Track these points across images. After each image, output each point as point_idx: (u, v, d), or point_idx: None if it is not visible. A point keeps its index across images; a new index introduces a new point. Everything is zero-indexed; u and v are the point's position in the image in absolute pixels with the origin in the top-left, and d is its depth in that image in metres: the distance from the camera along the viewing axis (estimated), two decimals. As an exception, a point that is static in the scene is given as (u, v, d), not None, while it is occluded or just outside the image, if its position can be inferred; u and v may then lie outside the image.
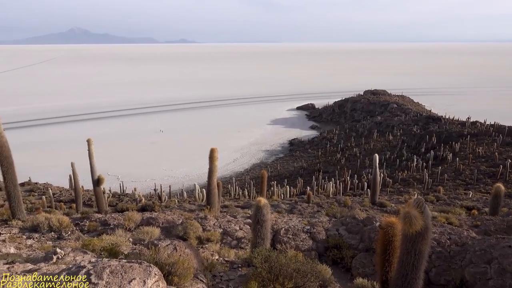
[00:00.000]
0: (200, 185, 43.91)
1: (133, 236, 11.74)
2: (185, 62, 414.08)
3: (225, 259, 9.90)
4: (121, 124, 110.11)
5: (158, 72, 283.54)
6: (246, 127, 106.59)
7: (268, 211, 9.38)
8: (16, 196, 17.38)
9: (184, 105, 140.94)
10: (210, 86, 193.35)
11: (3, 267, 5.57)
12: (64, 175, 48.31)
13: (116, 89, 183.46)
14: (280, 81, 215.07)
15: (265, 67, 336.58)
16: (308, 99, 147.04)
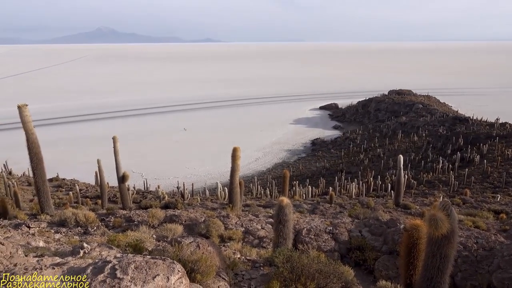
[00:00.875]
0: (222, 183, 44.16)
1: (157, 233, 11.92)
2: (210, 61, 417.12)
3: (247, 258, 9.93)
4: (146, 122, 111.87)
5: (182, 71, 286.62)
6: (268, 126, 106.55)
7: (290, 211, 9.36)
8: (45, 192, 17.92)
9: (208, 104, 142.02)
10: (234, 85, 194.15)
11: (33, 260, 5.74)
12: (90, 172, 49.44)
13: (142, 87, 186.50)
14: (304, 81, 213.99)
15: (288, 66, 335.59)
16: (331, 98, 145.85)
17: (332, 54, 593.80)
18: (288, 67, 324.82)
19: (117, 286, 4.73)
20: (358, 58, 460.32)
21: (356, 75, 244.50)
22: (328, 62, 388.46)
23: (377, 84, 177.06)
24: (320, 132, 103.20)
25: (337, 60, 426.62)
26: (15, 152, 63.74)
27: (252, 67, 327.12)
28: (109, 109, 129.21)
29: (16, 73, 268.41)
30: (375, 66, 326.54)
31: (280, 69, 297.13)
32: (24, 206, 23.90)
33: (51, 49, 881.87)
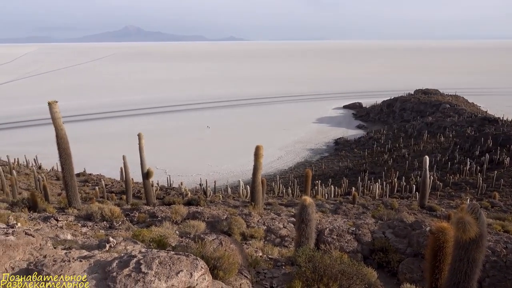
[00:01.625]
0: (244, 181, 44.34)
1: (180, 229, 12.07)
2: (233, 59, 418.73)
3: (269, 257, 9.94)
4: (170, 120, 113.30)
5: (206, 69, 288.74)
6: (291, 125, 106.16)
7: (313, 210, 9.31)
8: (72, 186, 18.41)
9: (231, 102, 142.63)
10: (257, 84, 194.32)
11: (61, 252, 5.91)
12: (116, 167, 50.49)
13: (166, 85, 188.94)
14: (327, 79, 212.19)
15: (312, 64, 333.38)
16: (355, 97, 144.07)
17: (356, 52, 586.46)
18: (312, 65, 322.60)
19: (141, 280, 4.81)
20: (383, 57, 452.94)
21: (381, 74, 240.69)
22: (353, 61, 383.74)
23: (403, 83, 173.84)
24: (343, 131, 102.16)
25: (361, 59, 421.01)
26: (45, 147, 65.79)
27: (274, 65, 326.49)
28: (134, 106, 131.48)
29: (47, 70, 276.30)
30: (400, 64, 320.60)
31: (303, 68, 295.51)
32: (53, 199, 24.61)
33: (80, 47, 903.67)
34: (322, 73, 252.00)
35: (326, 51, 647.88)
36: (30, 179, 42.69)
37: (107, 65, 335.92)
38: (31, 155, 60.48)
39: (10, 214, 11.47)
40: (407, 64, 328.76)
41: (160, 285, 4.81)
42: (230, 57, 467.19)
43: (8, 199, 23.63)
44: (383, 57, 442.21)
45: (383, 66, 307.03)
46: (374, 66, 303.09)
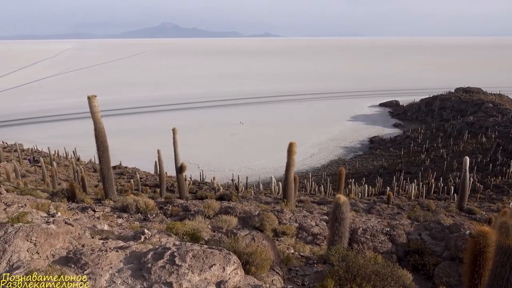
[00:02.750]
0: (276, 178, 44.29)
1: (212, 224, 12.16)
2: (268, 56, 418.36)
3: (301, 254, 9.85)
4: (204, 115, 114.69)
5: (241, 65, 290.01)
6: (325, 122, 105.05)
7: (347, 209, 9.13)
8: (109, 178, 18.92)
9: (265, 99, 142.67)
10: (292, 80, 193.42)
11: (98, 242, 6.06)
12: (150, 161, 51.60)
13: (201, 81, 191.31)
14: (363, 76, 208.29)
15: (348, 61, 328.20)
16: (392, 95, 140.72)
17: (392, 49, 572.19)
18: (347, 62, 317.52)
19: (175, 272, 4.86)
20: (421, 54, 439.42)
21: (418, 71, 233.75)
22: (389, 58, 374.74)
23: (442, 81, 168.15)
24: (379, 129, 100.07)
25: (398, 56, 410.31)
26: (83, 140, 68.19)
27: (309, 62, 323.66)
28: (170, 102, 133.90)
29: (86, 66, 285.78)
30: (439, 62, 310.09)
31: (338, 65, 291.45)
32: (90, 191, 25.44)
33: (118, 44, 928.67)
34: (358, 70, 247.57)
35: (363, 47, 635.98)
36: (69, 170, 44.38)
37: (144, 61, 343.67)
38: (71, 147, 62.83)
39: (50, 203, 11.91)
40: (445, 61, 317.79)
41: (193, 278, 4.84)
42: (265, 54, 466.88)
43: (48, 189, 24.64)
44: (421, 54, 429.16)
45: (421, 63, 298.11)
46: (412, 63, 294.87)
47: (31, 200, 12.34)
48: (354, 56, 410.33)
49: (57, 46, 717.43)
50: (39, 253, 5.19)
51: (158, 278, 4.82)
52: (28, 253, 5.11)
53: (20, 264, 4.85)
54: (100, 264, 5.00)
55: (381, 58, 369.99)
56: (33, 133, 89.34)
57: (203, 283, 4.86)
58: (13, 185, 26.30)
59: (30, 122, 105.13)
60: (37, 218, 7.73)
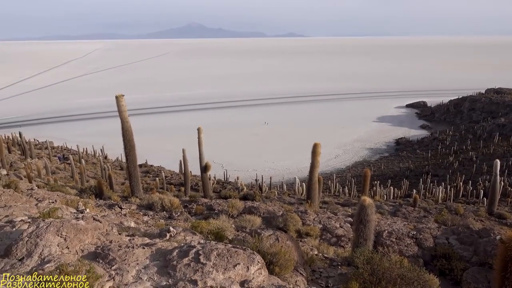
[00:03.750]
0: (300, 179, 44.04)
1: (236, 223, 12.22)
2: (292, 56, 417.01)
3: (324, 256, 9.77)
4: (228, 115, 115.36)
5: (265, 65, 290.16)
6: (350, 123, 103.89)
7: (372, 211, 9.00)
8: (135, 176, 19.27)
9: (289, 99, 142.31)
10: (316, 80, 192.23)
11: (125, 239, 6.18)
12: (175, 160, 52.24)
13: (226, 81, 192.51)
14: (389, 77, 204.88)
15: (374, 61, 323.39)
16: (419, 96, 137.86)
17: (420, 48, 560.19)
18: (373, 62, 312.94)
19: (200, 270, 4.90)
20: (450, 53, 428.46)
21: (447, 71, 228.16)
22: (416, 57, 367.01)
23: (472, 81, 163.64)
24: (405, 131, 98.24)
25: (426, 55, 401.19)
26: (110, 139, 69.65)
27: (334, 62, 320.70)
28: (195, 101, 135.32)
29: (114, 66, 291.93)
30: (468, 62, 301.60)
31: (364, 65, 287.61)
32: (117, 188, 25.96)
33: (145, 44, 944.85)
34: (385, 70, 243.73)
35: (390, 47, 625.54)
36: (97, 168, 45.41)
37: (170, 61, 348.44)
38: (98, 145, 64.29)
39: (79, 200, 12.22)
40: (475, 61, 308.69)
41: (217, 277, 4.88)
42: (290, 54, 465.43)
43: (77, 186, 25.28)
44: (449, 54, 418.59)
45: (450, 63, 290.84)
46: (440, 63, 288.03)
47: (61, 196, 12.69)
48: (380, 56, 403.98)
49: (86, 46, 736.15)
50: (69, 248, 5.33)
51: (183, 275, 4.88)
52: (59, 247, 5.25)
53: (51, 258, 4.99)
54: (127, 260, 5.10)
55: (409, 58, 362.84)
56: (63, 131, 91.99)
57: (227, 282, 4.88)
58: (44, 181, 27.11)
59: (60, 121, 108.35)
60: (67, 214, 7.95)
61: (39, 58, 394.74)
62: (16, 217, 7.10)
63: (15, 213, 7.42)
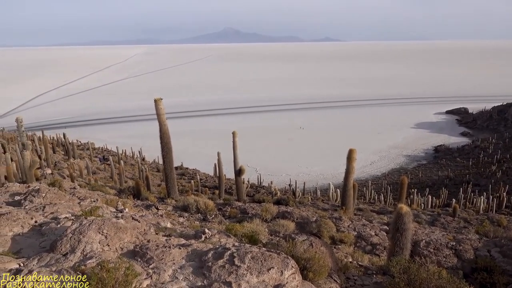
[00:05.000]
0: (334, 184, 43.53)
1: (269, 227, 12.24)
2: (328, 61, 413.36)
3: (359, 263, 9.63)
4: (264, 119, 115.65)
5: (301, 70, 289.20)
6: (387, 129, 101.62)
7: (410, 219, 8.79)
8: (172, 178, 19.70)
9: (325, 104, 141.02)
10: (352, 85, 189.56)
11: (162, 239, 6.35)
12: (209, 163, 52.85)
13: (260, 86, 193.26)
14: (429, 82, 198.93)
15: (412, 66, 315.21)
16: (460, 102, 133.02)
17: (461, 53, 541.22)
18: (412, 67, 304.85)
19: (234, 272, 4.96)
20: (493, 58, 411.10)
21: (490, 76, 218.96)
22: (458, 62, 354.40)
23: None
24: (445, 138, 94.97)
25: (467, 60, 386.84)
26: (147, 141, 71.49)
27: (371, 67, 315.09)
28: (229, 105, 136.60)
29: (152, 70, 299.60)
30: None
31: (402, 70, 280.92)
32: (153, 189, 26.57)
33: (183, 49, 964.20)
34: (423, 75, 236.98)
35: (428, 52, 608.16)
36: (135, 169, 46.67)
37: (206, 65, 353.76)
38: (137, 147, 66.06)
39: (118, 200, 12.63)
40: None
41: (251, 279, 4.92)
42: (325, 58, 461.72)
43: (116, 186, 26.10)
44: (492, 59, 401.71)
45: (494, 68, 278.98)
46: (484, 68, 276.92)
47: (101, 196, 13.16)
48: (419, 61, 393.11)
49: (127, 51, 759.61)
50: (109, 245, 5.53)
51: (218, 277, 4.95)
52: (100, 244, 5.47)
53: (92, 254, 5.21)
54: (164, 260, 5.24)
55: (449, 63, 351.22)
56: (104, 133, 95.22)
57: (261, 285, 4.91)
58: (85, 181, 28.16)
59: (101, 123, 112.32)
60: (107, 213, 8.25)
61: (83, 62, 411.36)
62: (60, 214, 7.44)
63: (60, 210, 7.77)
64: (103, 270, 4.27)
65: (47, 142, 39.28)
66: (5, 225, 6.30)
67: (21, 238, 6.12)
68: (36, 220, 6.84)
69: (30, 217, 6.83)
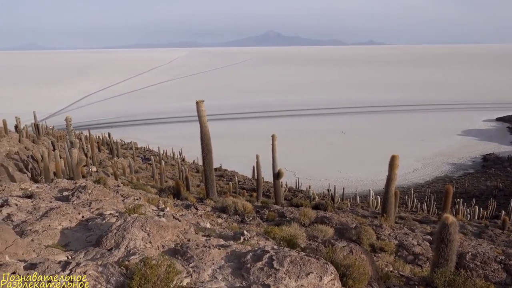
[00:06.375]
0: (375, 191, 42.50)
1: (307, 232, 12.11)
2: (371, 64, 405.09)
3: (400, 273, 9.33)
4: (303, 123, 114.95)
5: (343, 74, 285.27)
6: (431, 135, 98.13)
7: (456, 230, 8.43)
8: (211, 179, 19.95)
9: (366, 108, 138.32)
10: (395, 90, 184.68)
11: (202, 238, 6.43)
12: (247, 165, 53.16)
13: (302, 89, 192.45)
14: (479, 88, 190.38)
15: (460, 70, 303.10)
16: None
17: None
18: (460, 71, 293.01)
19: (273, 275, 4.94)
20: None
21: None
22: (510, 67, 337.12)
23: None
24: (494, 146, 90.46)
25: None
26: (188, 142, 72.82)
27: (416, 70, 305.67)
28: (270, 108, 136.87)
29: (194, 72, 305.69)
30: None
31: (450, 74, 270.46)
32: (192, 190, 27.03)
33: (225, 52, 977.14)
34: (473, 80, 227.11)
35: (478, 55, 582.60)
36: (175, 169, 47.71)
37: (247, 69, 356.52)
38: (177, 148, 67.53)
39: (159, 199, 12.93)
40: None
41: (290, 283, 4.87)
42: (369, 62, 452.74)
43: (157, 185, 26.78)
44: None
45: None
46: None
47: (143, 194, 13.53)
48: (468, 65, 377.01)
49: (170, 54, 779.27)
50: (151, 243, 5.67)
51: (256, 279, 4.94)
52: (143, 241, 5.61)
53: (135, 250, 5.35)
54: (203, 259, 5.30)
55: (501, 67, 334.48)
56: (146, 133, 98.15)
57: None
58: (128, 179, 29.10)
59: (144, 123, 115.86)
60: (149, 211, 8.46)
61: (128, 65, 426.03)
62: (105, 210, 7.71)
63: (105, 207, 8.05)
64: (146, 266, 4.38)
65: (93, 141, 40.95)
66: (55, 219, 6.60)
67: (69, 232, 6.39)
68: (83, 215, 7.12)
69: (78, 212, 7.11)
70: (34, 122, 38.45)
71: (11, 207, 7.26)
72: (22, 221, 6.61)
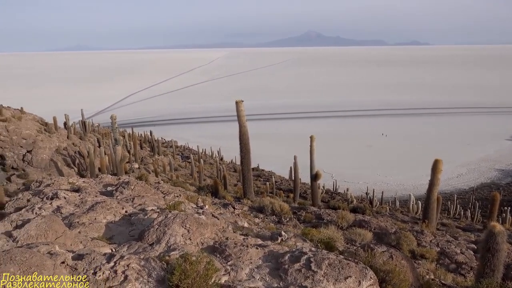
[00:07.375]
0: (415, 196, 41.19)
1: (345, 235, 11.94)
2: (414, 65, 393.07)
3: (442, 282, 9.01)
4: (343, 124, 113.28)
5: (385, 75, 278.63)
6: (477, 140, 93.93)
7: (503, 240, 8.02)
8: (248, 179, 20.06)
9: (408, 110, 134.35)
10: (440, 92, 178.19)
11: (240, 237, 6.49)
12: (284, 166, 52.94)
13: (340, 90, 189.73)
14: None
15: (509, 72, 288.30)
16: None
17: None
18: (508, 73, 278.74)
19: (311, 278, 4.91)
20: None
21: None
22: None
23: None
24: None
25: None
26: (226, 142, 73.64)
27: (463, 72, 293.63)
28: (307, 109, 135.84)
29: (234, 73, 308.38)
30: None
31: (498, 76, 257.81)
32: (230, 189, 27.30)
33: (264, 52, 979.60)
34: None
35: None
36: (213, 168, 48.32)
37: (287, 69, 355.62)
38: (215, 147, 68.35)
39: (198, 196, 13.16)
40: None
41: (328, 287, 4.83)
42: (412, 63, 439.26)
43: (195, 183, 27.24)
44: None
45: None
46: None
47: (182, 192, 13.80)
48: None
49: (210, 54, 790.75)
50: (191, 239, 5.78)
51: (294, 280, 4.93)
52: (183, 238, 5.74)
53: (176, 246, 5.48)
54: (241, 258, 5.34)
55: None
56: (186, 132, 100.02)
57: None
58: (168, 176, 29.79)
59: (184, 122, 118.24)
60: (188, 208, 8.63)
61: (170, 65, 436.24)
62: (147, 206, 7.95)
63: (147, 202, 8.30)
64: (186, 262, 4.47)
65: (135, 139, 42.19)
66: (100, 213, 6.87)
67: (113, 226, 6.64)
68: (126, 210, 7.37)
69: (121, 207, 7.37)
70: (81, 120, 40.11)
71: (60, 200, 7.63)
72: (70, 214, 6.94)
